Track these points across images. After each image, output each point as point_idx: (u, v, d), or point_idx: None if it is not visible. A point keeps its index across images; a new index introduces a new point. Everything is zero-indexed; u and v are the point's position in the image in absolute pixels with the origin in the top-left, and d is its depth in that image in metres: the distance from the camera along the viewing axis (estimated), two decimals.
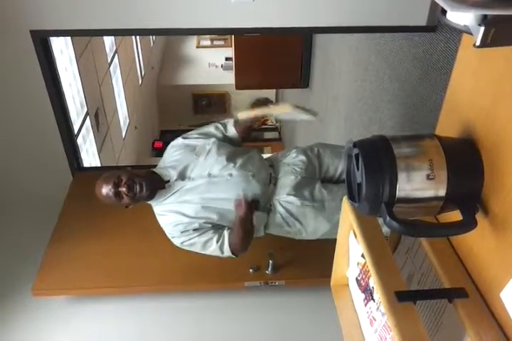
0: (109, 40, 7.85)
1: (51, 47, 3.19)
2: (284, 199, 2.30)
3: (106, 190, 2.17)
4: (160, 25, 2.88)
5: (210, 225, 2.25)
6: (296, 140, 8.17)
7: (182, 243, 2.29)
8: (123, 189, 2.16)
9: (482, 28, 0.77)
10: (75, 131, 4.89)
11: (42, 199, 3.48)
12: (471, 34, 0.81)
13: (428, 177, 0.94)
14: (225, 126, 2.44)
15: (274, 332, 2.79)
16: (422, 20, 2.90)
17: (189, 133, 2.45)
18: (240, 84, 7.05)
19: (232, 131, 2.43)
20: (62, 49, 5.44)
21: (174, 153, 2.37)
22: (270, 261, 2.85)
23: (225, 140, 2.41)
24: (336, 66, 5.24)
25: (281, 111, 2.42)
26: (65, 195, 3.43)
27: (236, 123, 2.44)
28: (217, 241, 2.24)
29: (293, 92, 8.27)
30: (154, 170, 2.36)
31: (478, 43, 0.79)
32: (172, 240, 2.31)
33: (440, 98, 2.74)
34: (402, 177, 0.94)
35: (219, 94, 11.52)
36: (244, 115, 2.42)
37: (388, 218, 0.94)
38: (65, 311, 2.91)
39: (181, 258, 2.47)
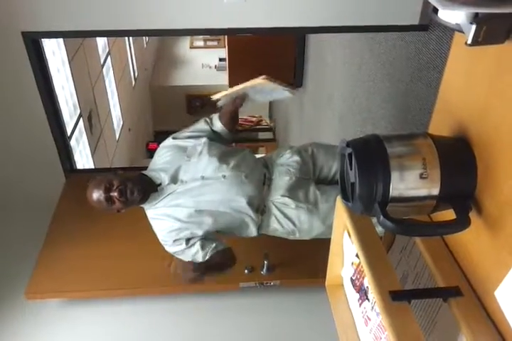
0: (101, 42, 7.83)
1: (43, 49, 3.17)
2: (278, 200, 2.29)
3: (97, 195, 2.13)
4: (153, 26, 2.87)
5: (202, 233, 2.22)
6: (290, 140, 8.17)
7: (174, 253, 2.27)
8: (114, 194, 2.12)
9: (473, 26, 0.77)
10: (68, 133, 4.87)
11: (35, 201, 3.46)
12: (462, 32, 0.81)
13: (421, 176, 0.94)
14: (211, 120, 2.42)
15: (269, 332, 2.78)
16: (414, 20, 2.90)
17: (179, 132, 2.42)
18: (234, 85, 7.03)
19: (218, 125, 2.40)
20: (54, 50, 5.42)
21: (164, 155, 2.34)
22: (265, 262, 2.85)
23: (215, 135, 2.39)
24: (330, 65, 5.25)
25: (254, 83, 2.34)
26: (58, 197, 3.41)
27: (220, 116, 2.41)
28: (204, 257, 2.23)
29: None
30: (145, 172, 2.33)
31: (469, 41, 0.79)
32: (164, 247, 2.29)
33: (433, 97, 2.73)
34: (395, 176, 0.93)
35: (213, 94, 11.49)
36: (219, 95, 2.36)
37: (382, 217, 0.93)
38: (58, 314, 2.89)
39: None
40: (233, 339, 2.77)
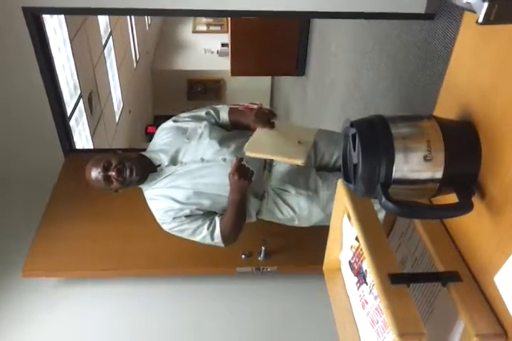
0: (103, 22, 7.75)
1: (44, 26, 3.12)
2: (278, 186, 2.28)
3: (95, 173, 2.12)
4: (156, 6, 2.83)
5: (202, 212, 2.22)
6: None
7: (171, 229, 2.26)
8: (113, 173, 2.11)
9: (485, 4, 0.75)
10: (68, 113, 4.84)
11: (33, 180, 3.45)
12: (473, 12, 0.79)
13: (425, 159, 0.92)
14: (217, 112, 2.38)
15: (264, 317, 2.79)
16: (420, 8, 2.87)
17: (180, 115, 2.40)
18: (236, 71, 7.00)
19: (225, 118, 2.37)
20: (55, 28, 5.36)
21: (164, 136, 2.32)
22: (263, 248, 2.84)
23: (216, 124, 2.37)
24: (333, 53, 5.21)
25: (295, 162, 2.13)
26: (57, 176, 3.40)
27: (230, 111, 2.37)
28: (208, 228, 2.21)
29: (289, 79, 8.22)
30: (144, 153, 2.31)
31: (480, 20, 0.77)
32: (162, 225, 2.28)
33: (438, 86, 2.72)
34: (399, 157, 0.92)
35: (214, 80, 11.44)
36: (254, 156, 2.16)
37: (384, 199, 0.92)
38: (54, 293, 2.89)
39: (173, 242, 2.44)
40: (229, 324, 2.78)
